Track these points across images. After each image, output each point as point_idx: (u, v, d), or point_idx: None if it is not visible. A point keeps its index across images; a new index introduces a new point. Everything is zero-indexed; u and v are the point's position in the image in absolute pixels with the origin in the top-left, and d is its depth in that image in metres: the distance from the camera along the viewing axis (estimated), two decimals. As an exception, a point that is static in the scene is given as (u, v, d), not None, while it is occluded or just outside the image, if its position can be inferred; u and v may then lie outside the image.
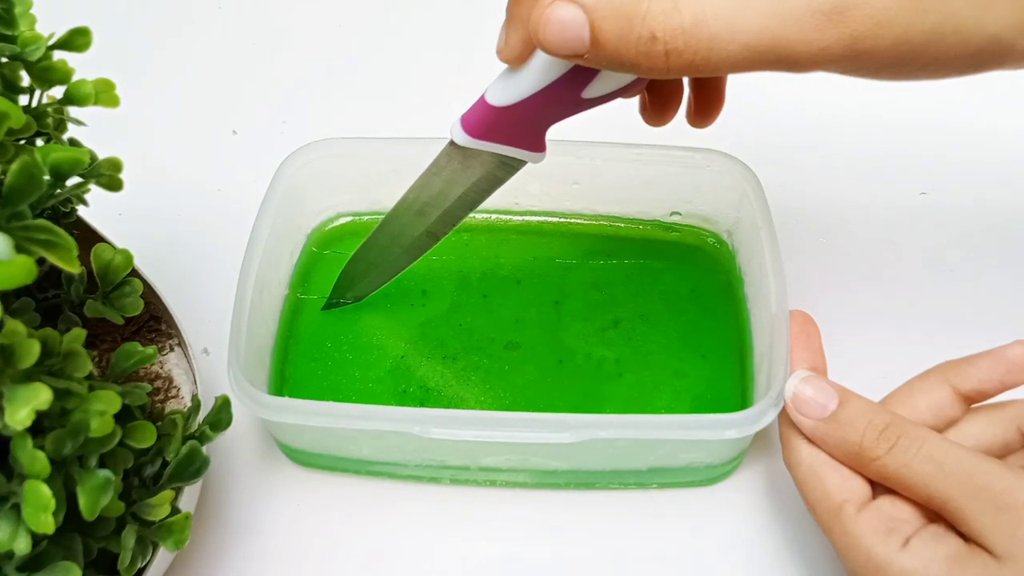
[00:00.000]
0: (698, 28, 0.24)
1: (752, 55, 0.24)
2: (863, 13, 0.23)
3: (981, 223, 0.45)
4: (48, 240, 0.22)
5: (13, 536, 0.24)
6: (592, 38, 0.24)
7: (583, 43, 0.25)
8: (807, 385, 0.31)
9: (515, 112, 0.29)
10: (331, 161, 0.40)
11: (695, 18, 0.24)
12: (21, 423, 0.22)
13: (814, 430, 0.31)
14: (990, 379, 0.32)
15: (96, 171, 0.29)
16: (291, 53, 0.54)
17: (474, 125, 0.31)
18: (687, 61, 0.24)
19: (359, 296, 0.40)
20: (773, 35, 0.24)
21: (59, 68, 0.29)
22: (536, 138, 0.31)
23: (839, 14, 0.23)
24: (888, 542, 0.29)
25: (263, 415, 0.33)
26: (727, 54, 0.24)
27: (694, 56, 0.24)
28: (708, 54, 0.24)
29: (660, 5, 0.24)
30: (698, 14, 0.24)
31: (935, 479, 0.29)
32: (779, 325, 0.34)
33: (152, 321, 0.36)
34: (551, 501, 0.37)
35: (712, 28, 0.24)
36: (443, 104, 0.52)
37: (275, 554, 0.36)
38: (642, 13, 0.24)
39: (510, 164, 0.33)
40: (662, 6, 0.24)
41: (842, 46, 0.24)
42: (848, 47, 0.24)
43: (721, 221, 0.42)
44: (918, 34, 0.24)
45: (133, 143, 0.35)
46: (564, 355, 0.39)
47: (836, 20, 0.23)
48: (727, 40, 0.24)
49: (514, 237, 0.43)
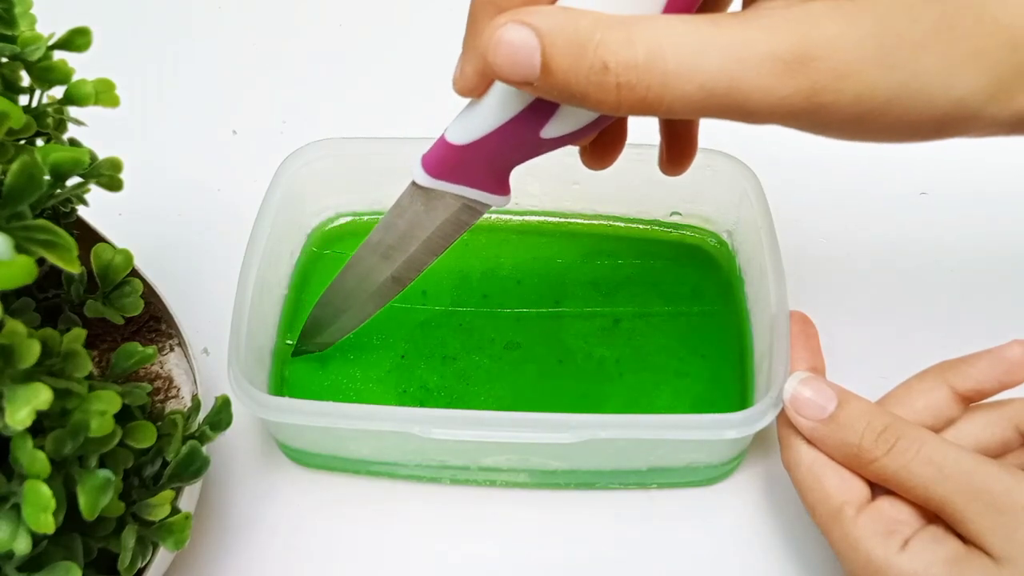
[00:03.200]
0: (652, 63, 0.22)
1: (708, 97, 0.23)
2: (825, 65, 0.22)
3: (981, 223, 0.45)
4: (48, 240, 0.22)
5: (13, 536, 0.24)
6: (543, 64, 0.23)
7: (533, 69, 0.23)
8: (806, 386, 0.31)
9: (475, 151, 0.28)
10: (331, 161, 0.40)
11: (650, 53, 0.22)
12: (21, 423, 0.22)
13: (813, 431, 0.31)
14: (988, 379, 0.32)
15: (96, 171, 0.29)
16: (291, 53, 0.54)
17: (434, 164, 0.30)
18: (639, 97, 0.23)
19: (326, 343, 0.38)
20: (730, 79, 0.22)
21: (59, 68, 0.29)
22: (499, 180, 0.30)
23: (800, 63, 0.22)
24: (887, 544, 0.29)
25: (263, 415, 0.33)
26: (681, 94, 0.23)
27: (647, 93, 0.23)
28: (661, 91, 0.23)
29: (615, 35, 0.23)
30: (654, 49, 0.22)
31: (934, 481, 0.29)
32: (779, 325, 0.34)
33: (152, 321, 0.36)
34: (551, 501, 0.37)
35: (668, 65, 0.22)
36: (443, 104, 0.52)
37: (275, 554, 0.36)
38: (596, 42, 0.23)
39: (473, 207, 0.31)
40: (616, 36, 0.23)
41: (801, 97, 0.22)
42: (807, 99, 0.22)
43: (721, 221, 0.42)
44: (883, 91, 0.22)
45: (133, 143, 0.35)
46: (564, 355, 0.39)
47: (796, 69, 0.22)
48: (683, 79, 0.22)
49: (514, 237, 0.43)
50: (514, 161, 0.29)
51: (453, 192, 0.30)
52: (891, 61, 0.22)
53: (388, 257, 0.34)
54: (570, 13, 0.23)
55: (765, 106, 0.23)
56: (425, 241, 0.33)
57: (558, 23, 0.23)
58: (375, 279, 0.35)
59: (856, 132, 0.24)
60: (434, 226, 0.32)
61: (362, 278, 0.35)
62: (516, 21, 0.23)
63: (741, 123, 0.24)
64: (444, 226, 0.32)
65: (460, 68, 0.27)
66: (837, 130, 0.24)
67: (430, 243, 0.33)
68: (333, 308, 0.36)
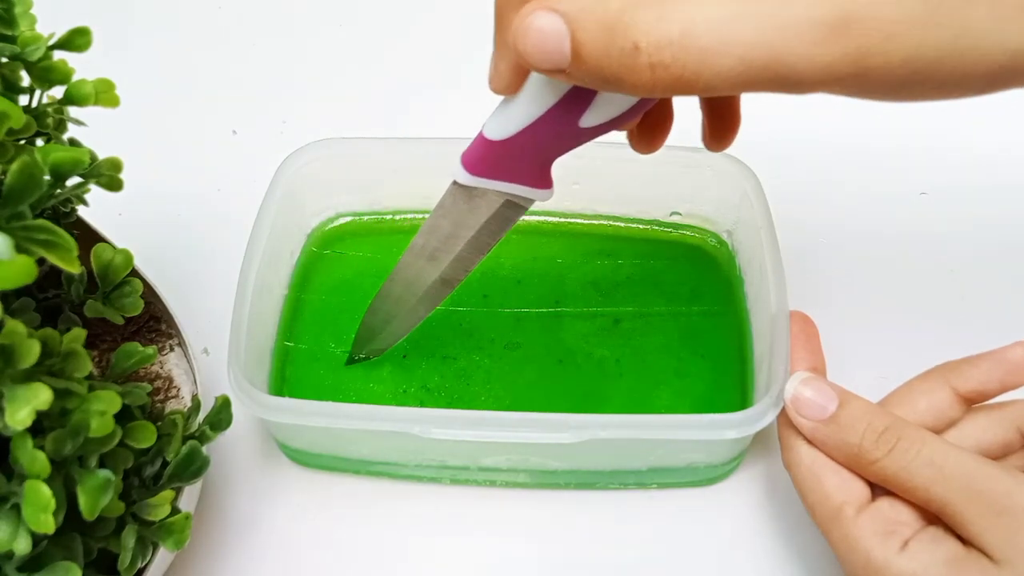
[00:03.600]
0: (687, 40, 0.21)
1: (748, 71, 0.22)
2: (870, 26, 0.21)
3: (981, 223, 0.45)
4: (48, 240, 0.22)
5: (13, 536, 0.24)
6: (573, 50, 0.23)
7: (564, 55, 0.23)
8: (807, 386, 0.31)
9: (513, 146, 0.28)
10: (331, 161, 0.40)
11: (684, 29, 0.21)
12: (21, 423, 0.22)
13: (813, 432, 0.31)
14: (990, 380, 0.32)
15: (96, 171, 0.29)
16: (291, 53, 0.54)
17: (474, 162, 0.29)
18: (675, 76, 0.22)
19: (380, 350, 0.38)
20: (770, 49, 0.21)
21: (59, 68, 0.29)
22: (541, 174, 0.30)
23: (844, 26, 0.21)
24: (887, 545, 0.29)
25: (263, 415, 0.33)
26: (720, 69, 0.22)
27: (683, 71, 0.22)
28: (698, 69, 0.22)
29: (645, 14, 0.22)
30: (687, 25, 0.21)
31: (934, 482, 0.29)
32: (779, 325, 0.34)
33: (152, 321, 0.36)
34: (551, 501, 0.37)
35: (703, 40, 0.21)
36: (443, 104, 0.52)
37: (275, 554, 0.36)
38: (625, 23, 0.22)
39: (516, 203, 0.31)
40: (647, 15, 0.22)
41: (848, 63, 0.21)
42: (854, 64, 0.21)
43: (721, 221, 0.42)
44: (931, 50, 0.21)
45: (133, 143, 0.35)
46: (564, 355, 0.39)
47: (841, 33, 0.21)
48: (720, 53, 0.21)
49: (514, 237, 0.43)
50: (555, 153, 0.29)
51: (495, 189, 0.30)
52: (938, 18, 0.21)
53: (435, 259, 0.34)
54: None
55: (809, 75, 0.22)
56: (471, 240, 0.32)
57: (586, 6, 0.22)
58: (423, 282, 0.34)
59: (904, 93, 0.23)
60: (479, 224, 0.32)
61: (410, 283, 0.35)
62: (543, 8, 0.23)
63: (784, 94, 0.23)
64: (489, 224, 0.32)
65: (494, 66, 0.27)
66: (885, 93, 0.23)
67: (476, 242, 0.33)
68: (383, 315, 0.36)
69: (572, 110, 0.27)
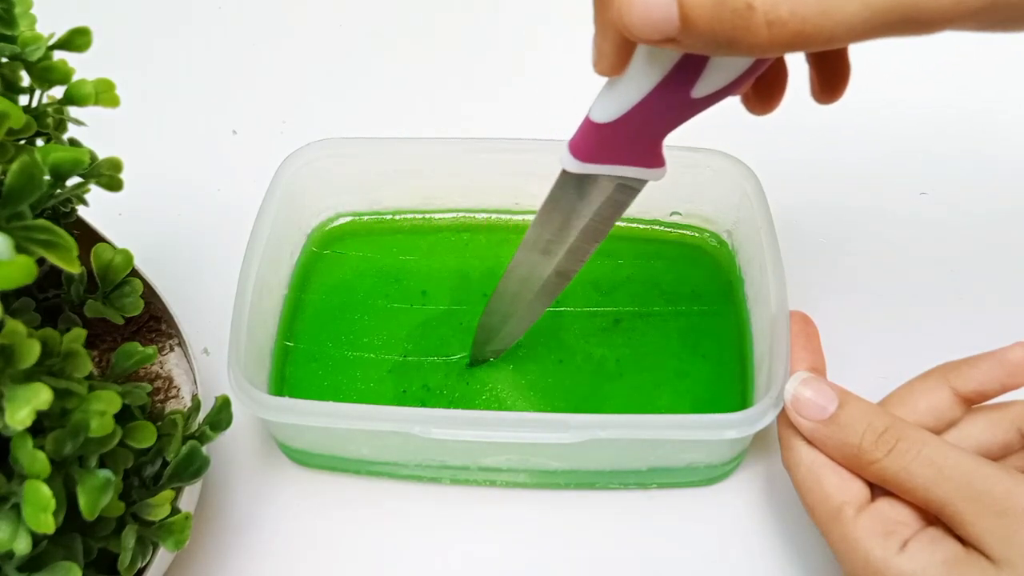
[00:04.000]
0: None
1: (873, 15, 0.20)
2: None
3: (981, 223, 0.45)
4: (48, 240, 0.22)
5: (13, 536, 0.24)
6: (682, 16, 0.21)
7: (672, 23, 0.22)
8: (807, 387, 0.31)
9: (623, 126, 0.27)
10: (331, 161, 0.40)
11: None
12: (21, 423, 0.22)
13: (813, 432, 0.31)
14: (990, 381, 0.32)
15: (96, 171, 0.29)
16: (291, 53, 0.54)
17: (582, 148, 0.28)
18: (794, 31, 0.21)
19: (499, 350, 0.38)
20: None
21: (59, 68, 0.29)
22: (652, 152, 0.29)
23: None
24: (886, 545, 0.29)
25: (263, 415, 0.33)
26: (843, 17, 0.20)
27: (802, 25, 0.21)
28: (819, 21, 0.20)
29: None
30: None
31: (934, 483, 0.29)
32: (779, 325, 0.34)
33: (152, 321, 0.36)
34: (551, 501, 0.37)
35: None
36: (444, 104, 0.52)
37: (275, 554, 0.36)
38: None
39: (629, 185, 0.30)
40: None
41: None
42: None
43: (721, 221, 0.42)
44: None
45: (133, 143, 0.35)
46: (564, 355, 0.39)
47: None
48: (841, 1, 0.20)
49: (514, 237, 0.43)
50: (666, 128, 0.28)
51: (606, 173, 0.29)
52: None
53: (548, 252, 0.33)
54: None
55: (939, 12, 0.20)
56: (584, 229, 0.32)
57: None
58: (538, 277, 0.34)
59: None
60: (591, 212, 0.31)
61: (525, 279, 0.34)
62: None
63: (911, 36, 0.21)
64: (602, 209, 0.31)
65: (596, 48, 0.26)
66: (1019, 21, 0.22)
67: (590, 230, 0.32)
68: (500, 315, 0.36)
69: (683, 81, 0.26)
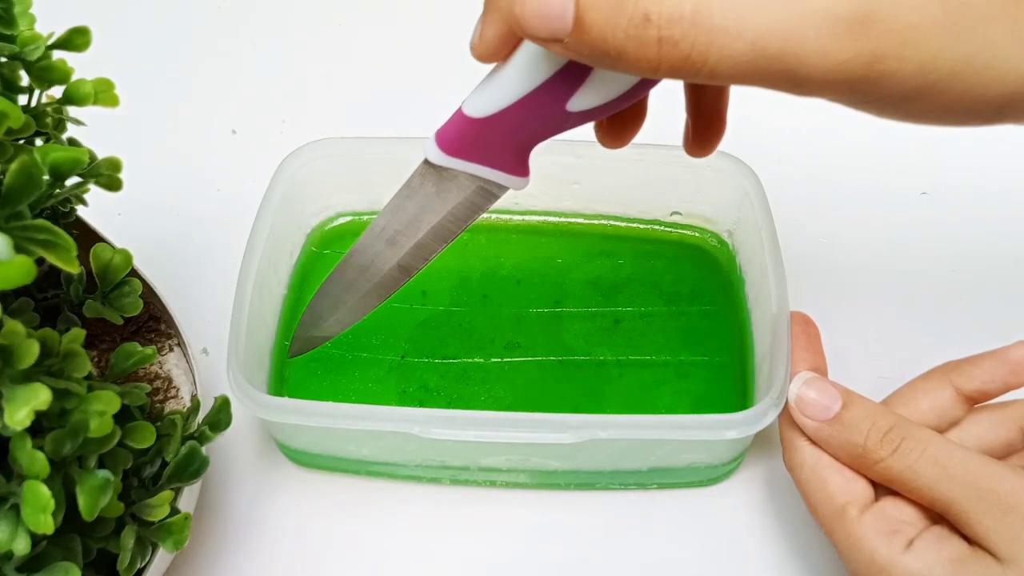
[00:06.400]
0: (699, 16, 0.21)
1: (757, 59, 0.21)
2: (888, 28, 0.20)
3: (981, 223, 0.45)
4: (47, 240, 0.22)
5: (12, 536, 0.24)
6: (577, 17, 0.21)
7: (565, 22, 0.21)
8: (810, 387, 0.31)
9: (495, 125, 0.27)
10: (331, 161, 0.40)
11: (697, 5, 0.21)
12: (20, 423, 0.22)
13: (817, 432, 0.31)
14: (993, 379, 0.32)
15: (95, 171, 0.29)
16: (291, 53, 0.54)
17: (450, 140, 0.28)
18: (682, 55, 0.21)
19: (325, 337, 0.36)
20: (785, 38, 0.20)
21: (58, 68, 0.29)
22: (519, 160, 0.28)
23: (862, 25, 0.20)
24: (891, 544, 0.29)
25: (263, 415, 0.33)
26: (730, 52, 0.21)
27: (691, 50, 0.21)
28: (707, 49, 0.21)
29: None
30: (701, 1, 0.21)
31: (939, 481, 0.28)
32: (779, 325, 0.34)
33: (151, 321, 0.36)
34: (551, 501, 0.37)
35: (715, 20, 0.20)
36: (444, 104, 0.52)
37: (275, 554, 0.36)
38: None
39: (489, 190, 0.29)
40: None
41: (861, 63, 0.21)
42: (868, 66, 0.21)
43: (721, 221, 0.42)
44: (948, 62, 0.21)
45: (133, 143, 0.35)
46: (564, 355, 0.39)
47: (858, 31, 0.20)
48: (732, 35, 0.21)
49: (514, 237, 0.43)
50: (536, 138, 0.28)
51: (469, 172, 0.28)
52: (957, 31, 0.20)
53: (394, 243, 0.32)
54: None
55: (819, 72, 0.21)
56: (435, 227, 0.31)
57: None
58: (379, 268, 0.32)
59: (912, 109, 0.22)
60: (446, 210, 0.30)
61: (365, 267, 0.33)
62: None
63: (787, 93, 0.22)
64: (457, 210, 0.30)
65: (479, 31, 0.25)
66: (893, 106, 0.22)
67: (440, 229, 0.31)
68: (332, 300, 0.34)
69: (562, 90, 0.25)
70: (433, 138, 0.28)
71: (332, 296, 0.34)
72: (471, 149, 0.28)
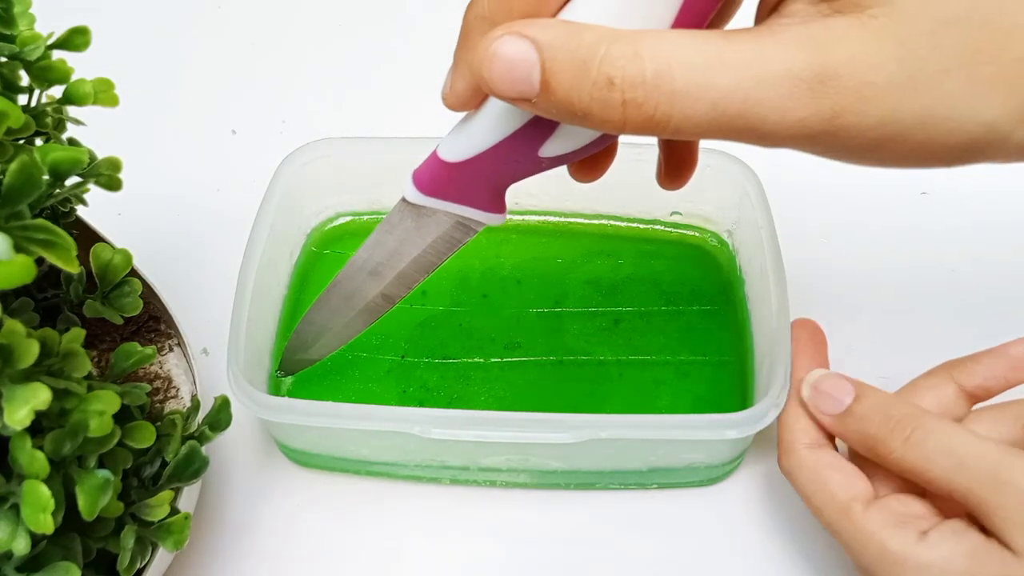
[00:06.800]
0: (661, 80, 0.21)
1: (719, 118, 0.21)
2: (846, 85, 0.21)
3: (981, 222, 0.45)
4: (47, 240, 0.22)
5: (12, 536, 0.24)
6: (543, 80, 0.22)
7: (532, 85, 0.22)
8: (823, 382, 0.32)
9: (469, 169, 0.27)
10: (331, 161, 0.40)
11: (659, 69, 0.21)
12: (20, 423, 0.22)
13: (833, 426, 0.31)
14: (994, 376, 0.32)
15: (95, 171, 0.29)
16: (291, 53, 0.54)
17: (426, 182, 0.28)
18: (646, 116, 0.22)
19: (312, 359, 0.37)
20: (744, 98, 0.21)
21: (58, 67, 0.29)
22: (494, 198, 0.29)
23: (820, 83, 0.21)
24: (903, 535, 0.28)
25: (263, 415, 0.33)
26: (691, 113, 0.21)
27: (654, 111, 0.21)
28: (669, 110, 0.21)
29: (621, 49, 0.21)
30: (662, 65, 0.21)
31: (956, 471, 0.28)
32: (779, 325, 0.34)
33: (151, 321, 0.36)
34: (551, 501, 0.37)
35: (676, 83, 0.21)
36: (443, 104, 0.52)
37: (274, 554, 0.36)
38: (600, 56, 0.21)
39: (467, 225, 0.30)
40: (623, 51, 0.21)
41: (820, 120, 0.21)
42: (827, 122, 0.21)
43: (721, 221, 0.42)
44: (907, 115, 0.21)
45: (133, 143, 0.35)
46: (564, 355, 0.39)
47: (816, 89, 0.21)
48: (693, 97, 0.21)
49: (514, 237, 0.43)
50: (510, 179, 0.28)
51: (446, 210, 0.29)
52: (915, 84, 0.21)
53: (377, 274, 0.32)
54: (572, 26, 0.22)
55: (781, 128, 0.22)
56: (416, 259, 0.31)
57: (559, 36, 0.22)
58: (363, 296, 0.33)
59: (875, 158, 0.23)
60: (425, 244, 0.31)
61: (349, 296, 0.34)
62: (513, 33, 0.22)
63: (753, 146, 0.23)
64: (436, 244, 0.31)
65: (451, 83, 0.26)
66: (856, 155, 0.23)
67: (421, 261, 0.32)
68: (318, 326, 0.35)
69: (533, 138, 0.26)
70: (410, 178, 0.29)
71: (318, 323, 0.35)
72: (447, 189, 0.29)
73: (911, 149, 0.22)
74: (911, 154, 0.22)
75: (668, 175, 0.32)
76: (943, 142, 0.22)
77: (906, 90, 0.21)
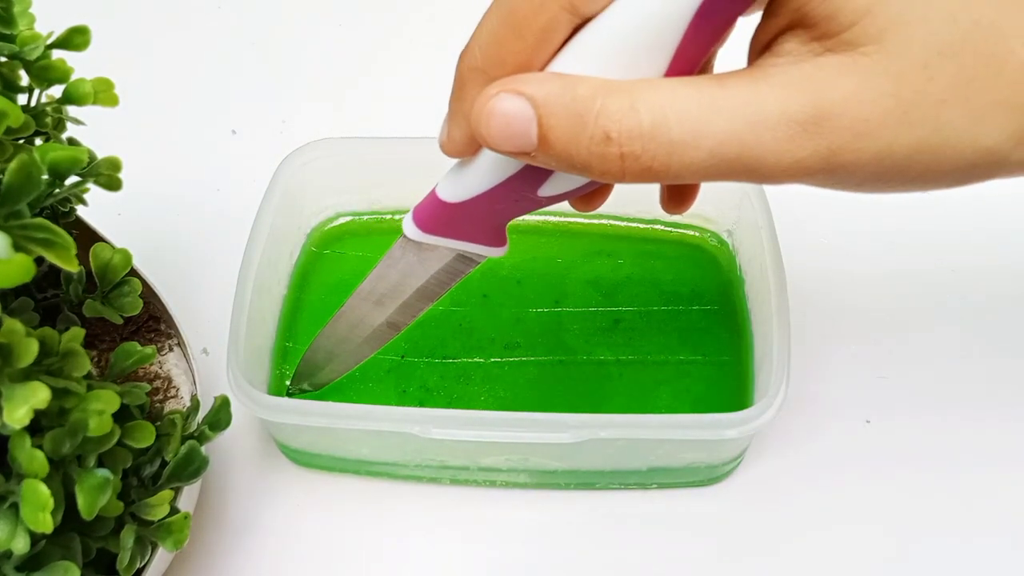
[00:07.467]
0: (657, 131, 0.21)
1: (717, 163, 0.22)
2: (841, 124, 0.21)
3: (982, 222, 0.45)
4: (47, 239, 0.22)
5: (12, 535, 0.24)
6: (540, 135, 0.22)
7: (530, 140, 0.22)
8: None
9: (468, 208, 0.27)
10: (331, 161, 0.40)
11: (655, 120, 0.21)
12: (19, 422, 0.22)
13: None
14: None
15: (95, 170, 0.29)
16: (291, 53, 0.54)
17: (426, 220, 0.29)
18: (645, 166, 0.22)
19: (321, 384, 0.37)
20: (741, 143, 0.21)
21: (58, 67, 0.29)
22: (495, 233, 0.29)
23: (815, 124, 0.21)
24: None
25: (262, 415, 0.33)
26: (690, 161, 0.21)
27: (652, 162, 0.22)
28: (667, 160, 0.21)
29: (616, 102, 0.21)
30: (658, 116, 0.21)
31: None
32: (779, 325, 0.34)
33: (151, 321, 0.36)
34: (551, 501, 0.37)
35: (673, 133, 0.21)
36: (443, 104, 0.52)
37: (274, 554, 0.36)
38: (596, 110, 0.21)
39: (469, 257, 0.30)
40: (618, 104, 0.21)
41: (818, 159, 0.21)
42: (825, 160, 0.21)
43: (721, 221, 0.42)
44: (904, 147, 0.21)
45: (133, 143, 0.35)
46: (564, 355, 0.39)
47: (812, 131, 0.21)
48: (690, 146, 0.21)
49: (514, 237, 0.42)
50: (510, 216, 0.28)
51: (447, 246, 0.29)
52: (911, 118, 0.21)
53: (381, 304, 0.33)
54: (567, 80, 0.22)
55: (779, 169, 0.22)
56: (419, 289, 0.32)
57: (555, 91, 0.22)
58: (368, 325, 0.34)
59: (877, 187, 0.23)
60: (428, 275, 0.31)
61: (354, 325, 0.34)
62: (510, 90, 0.22)
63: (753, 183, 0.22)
64: (439, 275, 0.31)
65: (447, 131, 0.26)
66: (857, 186, 0.23)
67: (424, 291, 0.32)
68: (326, 352, 0.36)
69: (531, 181, 0.26)
70: (410, 216, 0.29)
71: (325, 350, 0.35)
72: (447, 227, 0.29)
73: (911, 179, 0.22)
74: (913, 181, 0.22)
75: (671, 202, 0.32)
76: (943, 170, 0.22)
77: (902, 124, 0.21)
